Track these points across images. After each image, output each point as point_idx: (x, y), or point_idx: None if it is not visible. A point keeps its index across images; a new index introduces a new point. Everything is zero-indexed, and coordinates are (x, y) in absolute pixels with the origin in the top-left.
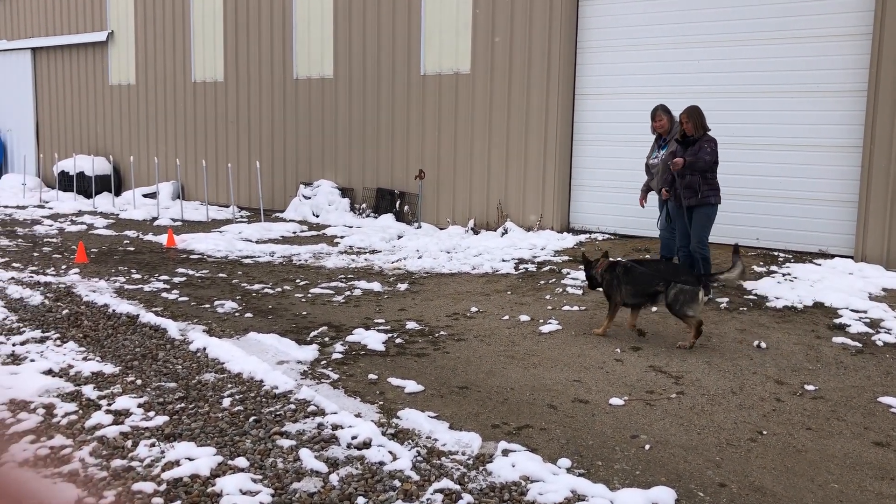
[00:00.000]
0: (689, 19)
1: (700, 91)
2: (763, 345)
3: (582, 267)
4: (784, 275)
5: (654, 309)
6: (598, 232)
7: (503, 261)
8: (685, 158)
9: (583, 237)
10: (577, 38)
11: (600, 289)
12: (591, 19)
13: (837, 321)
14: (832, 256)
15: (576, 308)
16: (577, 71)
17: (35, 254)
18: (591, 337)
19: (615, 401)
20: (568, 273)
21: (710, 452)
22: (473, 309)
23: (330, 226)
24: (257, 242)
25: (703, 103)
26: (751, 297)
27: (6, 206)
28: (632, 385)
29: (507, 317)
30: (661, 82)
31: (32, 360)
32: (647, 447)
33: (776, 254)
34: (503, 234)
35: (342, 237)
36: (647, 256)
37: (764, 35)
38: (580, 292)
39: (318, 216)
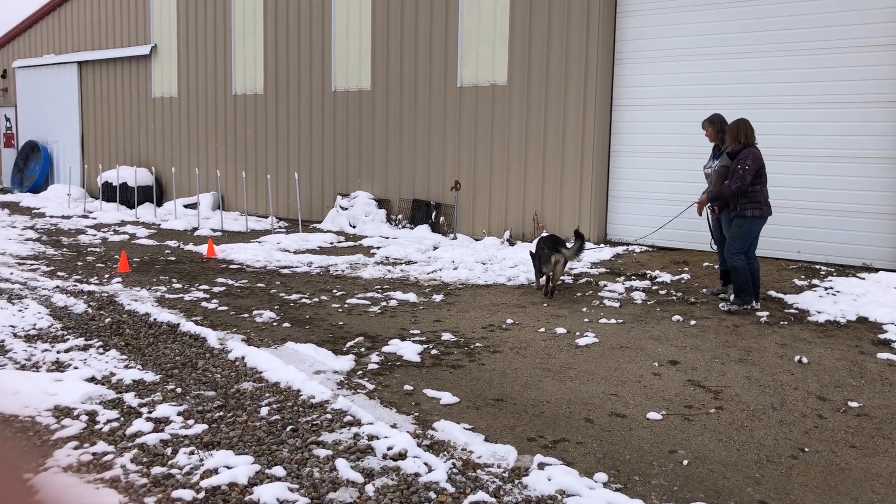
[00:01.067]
0: (728, 30)
1: (739, 102)
2: (805, 360)
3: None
4: (826, 288)
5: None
6: (636, 244)
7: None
8: (707, 195)
9: (620, 249)
10: (615, 50)
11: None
12: (629, 30)
13: (882, 336)
14: (876, 270)
15: (613, 321)
16: (615, 82)
17: (79, 263)
18: (629, 351)
19: (653, 415)
20: (605, 285)
21: (750, 469)
22: (509, 321)
23: (366, 236)
24: (295, 253)
25: (742, 114)
26: (792, 311)
27: (52, 216)
28: (670, 399)
29: (542, 329)
30: (700, 93)
31: (76, 368)
32: (686, 463)
33: (818, 267)
34: None
35: (378, 248)
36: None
37: (805, 45)
38: (618, 305)
39: (354, 227)
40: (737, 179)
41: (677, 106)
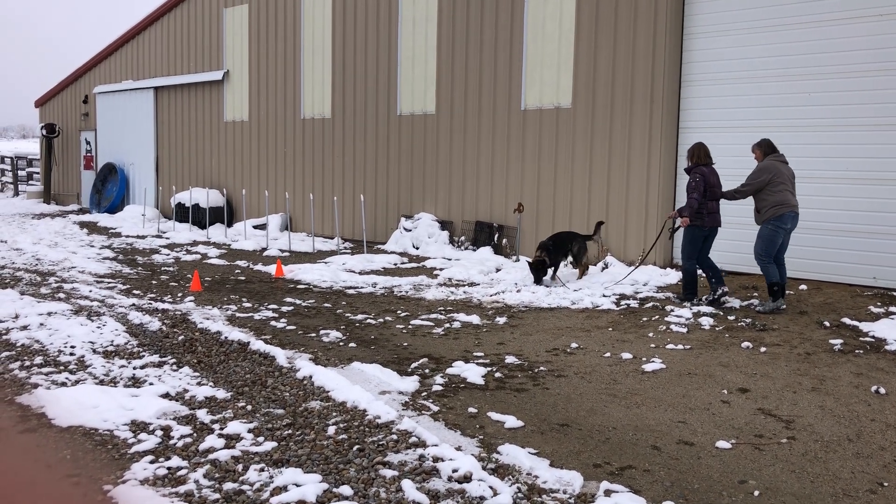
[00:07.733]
0: (795, 51)
1: (808, 124)
2: (882, 390)
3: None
4: None
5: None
6: None
7: (604, 296)
8: (682, 212)
9: None
10: (682, 72)
11: (550, 270)
12: (695, 52)
13: None
14: None
15: (680, 347)
16: (682, 105)
17: (154, 281)
18: (697, 377)
19: (722, 444)
20: (672, 310)
21: (825, 502)
22: (573, 345)
23: (429, 258)
24: (360, 273)
25: (810, 137)
26: (867, 339)
27: (127, 236)
28: (739, 428)
29: (608, 354)
30: (767, 116)
31: (151, 384)
32: (757, 493)
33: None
34: (604, 268)
35: (441, 269)
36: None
37: (874, 67)
38: (685, 330)
39: (417, 248)
40: (695, 194)
41: (745, 128)
